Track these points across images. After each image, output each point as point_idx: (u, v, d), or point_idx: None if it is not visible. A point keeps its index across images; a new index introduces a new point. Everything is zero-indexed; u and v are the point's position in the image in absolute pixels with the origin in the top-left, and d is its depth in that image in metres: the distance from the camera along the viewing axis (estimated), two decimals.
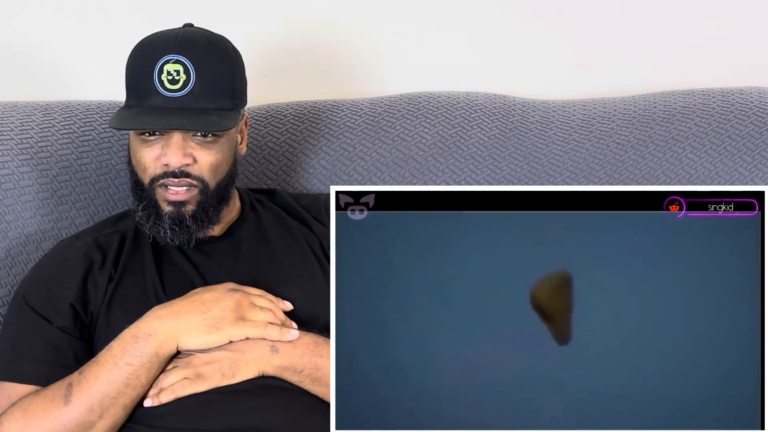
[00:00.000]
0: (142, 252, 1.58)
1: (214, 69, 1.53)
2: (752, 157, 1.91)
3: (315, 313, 1.53)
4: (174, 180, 1.52)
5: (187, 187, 1.53)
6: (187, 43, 1.52)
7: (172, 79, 1.51)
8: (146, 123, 1.51)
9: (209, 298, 1.47)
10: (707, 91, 2.01)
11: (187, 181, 1.53)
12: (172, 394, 1.44)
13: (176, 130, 1.50)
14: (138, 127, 1.51)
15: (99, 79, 2.00)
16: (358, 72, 2.12)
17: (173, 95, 1.51)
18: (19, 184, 1.70)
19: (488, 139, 1.92)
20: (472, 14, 2.12)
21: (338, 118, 1.92)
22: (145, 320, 1.46)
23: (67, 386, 1.45)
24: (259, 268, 1.58)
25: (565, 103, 2.01)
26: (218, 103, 1.53)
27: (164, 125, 1.50)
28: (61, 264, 1.56)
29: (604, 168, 1.91)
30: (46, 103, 1.83)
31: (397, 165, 1.89)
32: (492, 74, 2.13)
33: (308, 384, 1.47)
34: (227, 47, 1.57)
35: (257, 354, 1.46)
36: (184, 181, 1.53)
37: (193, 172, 1.53)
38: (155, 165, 1.53)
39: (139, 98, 1.53)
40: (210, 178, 1.54)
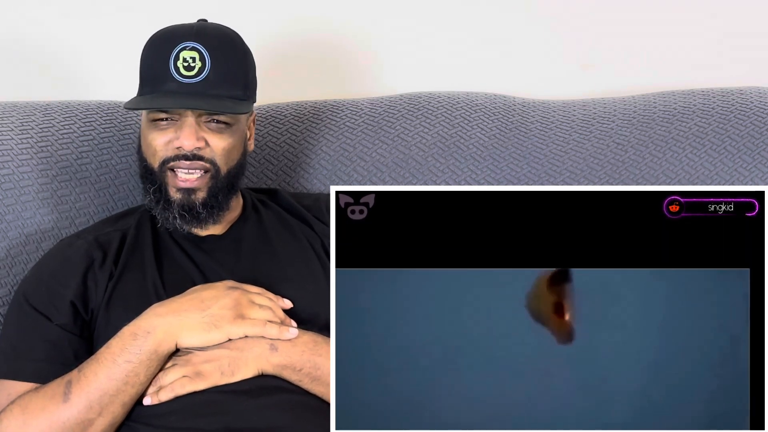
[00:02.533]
0: (143, 250, 1.58)
1: (229, 58, 1.55)
2: (752, 157, 1.91)
3: (315, 312, 1.53)
4: (186, 162, 1.53)
5: (199, 173, 1.54)
6: (203, 33, 1.55)
7: (188, 65, 1.52)
8: (162, 104, 1.52)
9: (208, 296, 1.47)
10: (707, 91, 2.01)
11: (200, 164, 1.54)
12: (172, 392, 1.44)
13: (190, 113, 1.52)
14: (154, 107, 1.53)
15: (100, 78, 2.00)
16: (358, 72, 2.12)
17: (188, 81, 1.52)
18: (19, 184, 1.70)
19: (488, 139, 1.92)
20: (472, 14, 2.12)
21: (338, 118, 1.92)
22: (144, 318, 1.46)
23: (66, 384, 1.45)
24: (260, 267, 1.59)
25: (565, 103, 2.01)
26: (231, 91, 1.55)
27: (180, 105, 1.51)
28: (62, 262, 1.56)
29: (604, 168, 1.91)
30: (46, 103, 1.83)
31: (397, 165, 1.89)
32: (492, 74, 2.13)
33: (307, 383, 1.47)
34: (241, 41, 1.60)
35: (256, 352, 1.46)
36: (197, 164, 1.54)
37: (206, 155, 1.54)
38: (166, 148, 1.54)
39: (153, 85, 1.55)
40: (222, 163, 1.55)
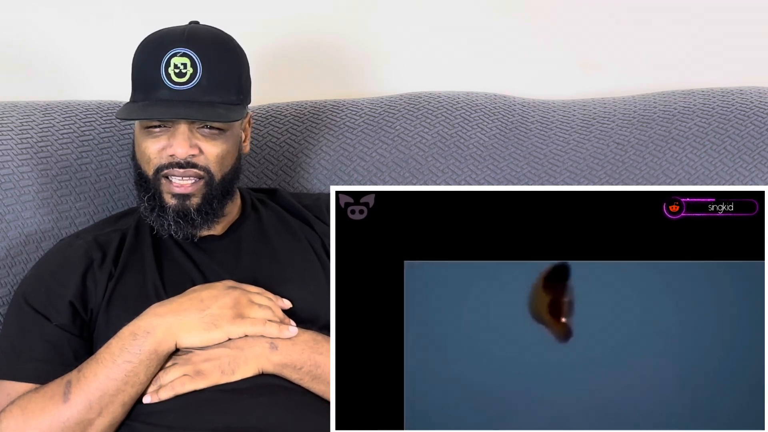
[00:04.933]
0: (143, 250, 1.58)
1: (221, 63, 1.54)
2: (752, 157, 1.91)
3: (315, 312, 1.53)
4: (179, 170, 1.53)
5: (194, 180, 1.53)
6: (194, 37, 1.53)
7: (179, 72, 1.51)
8: (154, 113, 1.51)
9: (208, 296, 1.47)
10: (707, 91, 2.01)
11: (194, 172, 1.53)
12: (172, 391, 1.44)
13: (183, 120, 1.51)
14: (146, 117, 1.52)
15: (99, 78, 2.00)
16: (358, 72, 2.12)
17: (180, 88, 1.51)
18: (19, 184, 1.70)
19: (488, 139, 1.92)
20: (472, 14, 2.12)
21: (338, 118, 1.92)
22: (143, 318, 1.46)
23: (66, 384, 1.45)
24: (259, 267, 1.59)
25: (565, 103, 2.01)
26: (224, 97, 1.54)
27: (172, 115, 1.51)
28: (61, 262, 1.56)
29: (604, 168, 1.91)
30: (46, 103, 1.83)
31: (397, 165, 1.89)
32: (492, 74, 2.13)
33: (308, 381, 1.47)
34: (233, 44, 1.59)
35: (256, 351, 1.46)
36: (191, 171, 1.53)
37: (200, 162, 1.53)
38: (160, 156, 1.53)
39: (146, 92, 1.53)
40: (216, 170, 1.55)
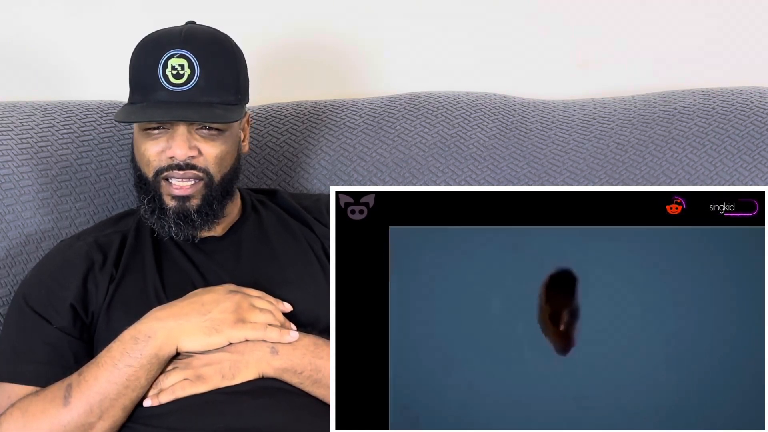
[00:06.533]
0: (143, 252, 1.58)
1: (219, 64, 1.54)
2: (752, 157, 1.91)
3: (315, 315, 1.53)
4: (179, 172, 1.52)
5: (193, 181, 1.53)
6: (191, 38, 1.53)
7: (176, 73, 1.51)
8: (152, 115, 1.51)
9: (209, 300, 1.47)
10: (707, 91, 2.01)
11: (193, 173, 1.53)
12: (172, 395, 1.44)
13: (182, 122, 1.51)
14: (144, 119, 1.52)
15: (99, 78, 2.00)
16: (358, 72, 2.12)
17: (178, 89, 1.51)
18: (19, 184, 1.70)
19: (488, 139, 1.92)
20: (472, 14, 2.12)
21: (338, 118, 1.92)
22: (144, 322, 1.45)
23: (66, 387, 1.45)
24: (260, 268, 1.58)
25: (565, 103, 2.01)
26: (222, 97, 1.54)
27: (171, 117, 1.50)
28: (62, 264, 1.56)
29: (604, 168, 1.91)
30: (46, 103, 1.83)
31: (397, 165, 1.88)
32: (492, 74, 2.13)
33: (308, 386, 1.47)
34: (231, 44, 1.59)
35: (257, 356, 1.46)
36: (190, 173, 1.53)
37: (199, 164, 1.53)
38: (159, 158, 1.53)
39: (143, 93, 1.53)
40: (215, 171, 1.55)
